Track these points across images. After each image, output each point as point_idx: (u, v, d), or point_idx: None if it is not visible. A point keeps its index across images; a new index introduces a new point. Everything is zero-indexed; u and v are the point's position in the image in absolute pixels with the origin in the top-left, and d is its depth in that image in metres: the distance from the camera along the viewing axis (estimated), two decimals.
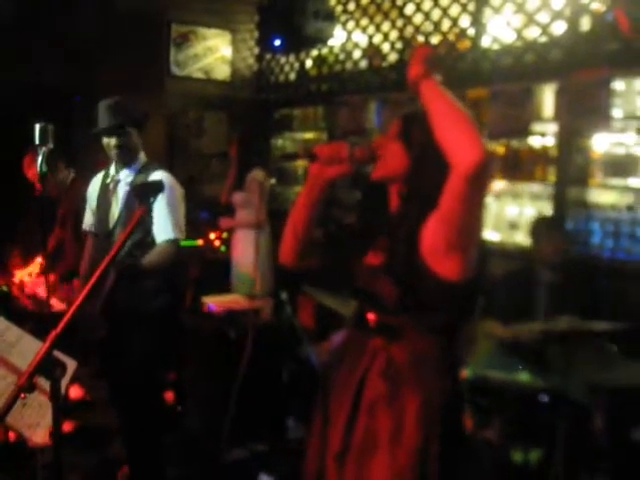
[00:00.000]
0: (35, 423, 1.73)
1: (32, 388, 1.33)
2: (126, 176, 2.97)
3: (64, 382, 1.89)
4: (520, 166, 4.13)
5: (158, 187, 1.54)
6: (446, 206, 1.54)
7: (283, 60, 5.70)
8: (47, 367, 1.36)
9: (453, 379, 1.72)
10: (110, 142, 2.92)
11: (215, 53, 5.80)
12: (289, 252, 1.82)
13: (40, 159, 2.97)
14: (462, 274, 1.57)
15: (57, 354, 1.62)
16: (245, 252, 4.38)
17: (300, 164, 5.54)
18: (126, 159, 2.96)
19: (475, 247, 1.59)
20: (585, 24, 3.70)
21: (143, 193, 1.55)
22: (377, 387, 1.66)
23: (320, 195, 1.74)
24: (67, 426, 3.76)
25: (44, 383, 1.41)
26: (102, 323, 2.96)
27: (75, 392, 4.02)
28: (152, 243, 2.88)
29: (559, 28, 3.79)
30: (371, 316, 1.69)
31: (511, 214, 4.26)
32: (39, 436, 1.72)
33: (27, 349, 1.96)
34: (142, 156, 3.02)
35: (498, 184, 4.29)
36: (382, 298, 1.66)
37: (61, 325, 1.40)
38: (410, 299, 1.62)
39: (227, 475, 3.39)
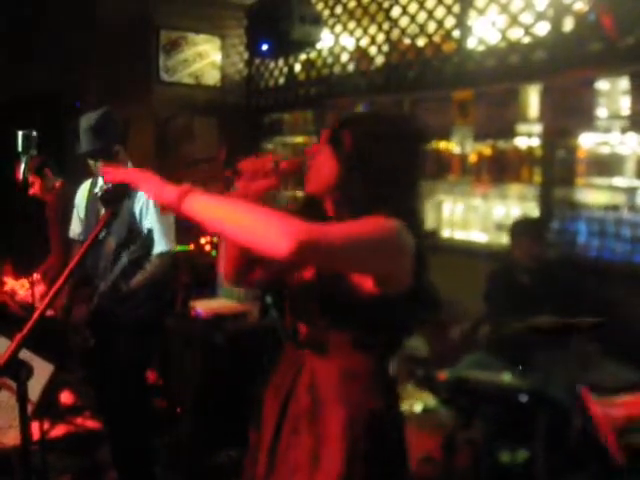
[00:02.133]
0: (7, 425, 1.74)
1: None
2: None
3: (38, 384, 1.90)
4: (506, 167, 4.15)
5: (124, 191, 1.55)
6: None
7: (272, 65, 5.72)
8: (12, 369, 1.37)
9: (388, 399, 1.63)
10: (96, 165, 2.92)
11: (205, 59, 5.81)
12: (230, 270, 1.75)
13: (23, 166, 2.99)
14: (379, 288, 1.48)
15: (30, 357, 1.64)
16: None
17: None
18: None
19: (388, 262, 1.47)
20: (568, 24, 3.72)
21: (109, 198, 1.56)
22: (301, 402, 1.59)
23: None
24: (58, 430, 3.77)
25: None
26: (89, 333, 2.97)
27: (66, 397, 4.03)
28: (147, 256, 2.89)
29: (543, 29, 3.80)
30: (302, 329, 1.63)
31: (498, 215, 4.27)
32: (10, 438, 1.73)
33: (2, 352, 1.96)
34: (129, 166, 3.02)
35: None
36: (312, 312, 1.60)
37: (26, 328, 1.41)
38: (338, 313, 1.55)
39: (215, 478, 3.40)
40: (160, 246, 2.88)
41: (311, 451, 1.54)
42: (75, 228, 3.19)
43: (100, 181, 3.05)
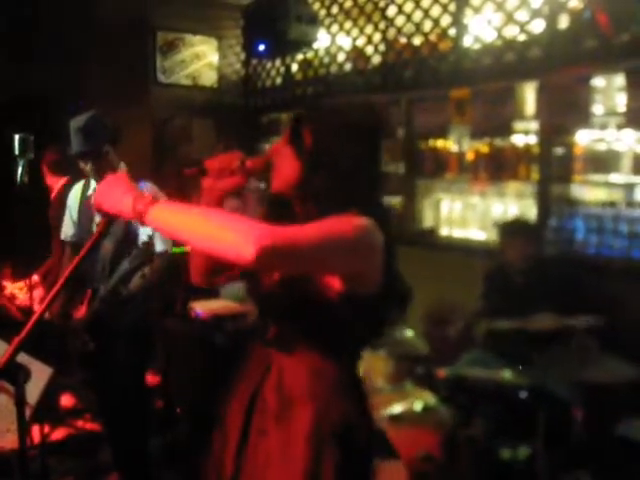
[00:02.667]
0: (5, 429, 1.74)
1: None
2: None
3: (36, 388, 1.91)
4: (504, 165, 4.15)
5: None
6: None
7: (269, 65, 5.73)
8: (10, 372, 1.37)
9: (359, 404, 1.61)
10: (86, 167, 2.92)
11: (202, 59, 5.82)
12: (197, 271, 1.73)
13: (20, 169, 3.00)
14: (343, 287, 1.46)
15: (28, 361, 1.64)
16: None
17: None
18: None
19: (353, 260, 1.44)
20: (563, 22, 3.72)
21: None
22: (268, 402, 1.57)
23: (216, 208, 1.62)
24: (58, 434, 3.78)
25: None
26: (88, 337, 2.97)
27: (67, 400, 4.04)
28: (145, 257, 2.89)
29: (538, 26, 3.81)
30: (272, 328, 1.59)
31: (496, 213, 4.28)
32: (8, 442, 1.73)
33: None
34: (122, 167, 3.02)
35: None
36: (280, 312, 1.58)
37: (24, 331, 1.41)
38: (306, 314, 1.52)
39: None
40: (157, 247, 2.88)
41: (279, 451, 1.52)
42: (67, 230, 3.18)
43: (93, 183, 3.05)
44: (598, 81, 3.71)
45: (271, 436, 1.54)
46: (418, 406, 2.90)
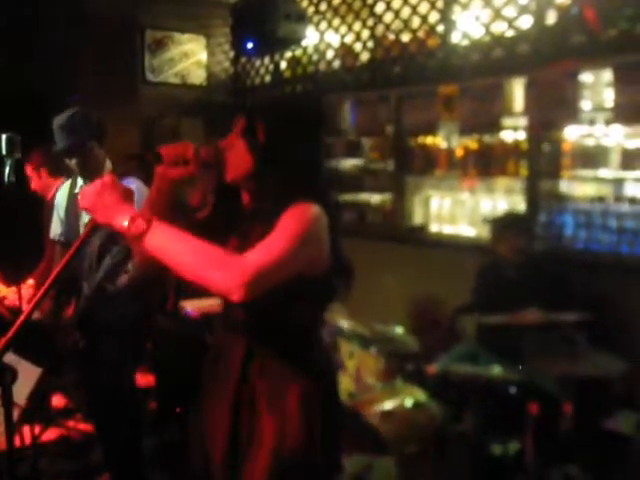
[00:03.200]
0: None
1: None
2: None
3: (26, 388, 1.90)
4: (493, 161, 4.17)
5: None
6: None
7: (258, 63, 5.71)
8: None
9: (323, 371, 1.74)
10: (71, 163, 2.91)
11: (190, 58, 5.80)
12: (144, 260, 1.76)
13: (7, 169, 2.97)
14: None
15: (17, 361, 1.63)
16: None
17: None
18: (90, 175, 2.92)
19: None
20: (551, 17, 3.73)
21: None
22: (255, 387, 1.66)
23: (167, 197, 1.68)
24: (49, 434, 3.76)
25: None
26: (78, 335, 2.96)
27: (58, 401, 4.02)
28: (125, 252, 2.88)
29: (526, 22, 3.82)
30: (239, 315, 1.67)
31: (485, 208, 4.29)
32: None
33: None
34: (108, 164, 3.00)
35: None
36: (247, 311, 1.64)
37: (12, 331, 1.41)
38: (269, 299, 1.56)
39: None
40: None
41: (275, 428, 1.62)
42: (55, 229, 3.17)
43: (80, 181, 3.03)
44: (586, 77, 3.72)
45: (263, 414, 1.64)
46: (409, 403, 2.91)
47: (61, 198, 3.14)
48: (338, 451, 1.76)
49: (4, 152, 2.96)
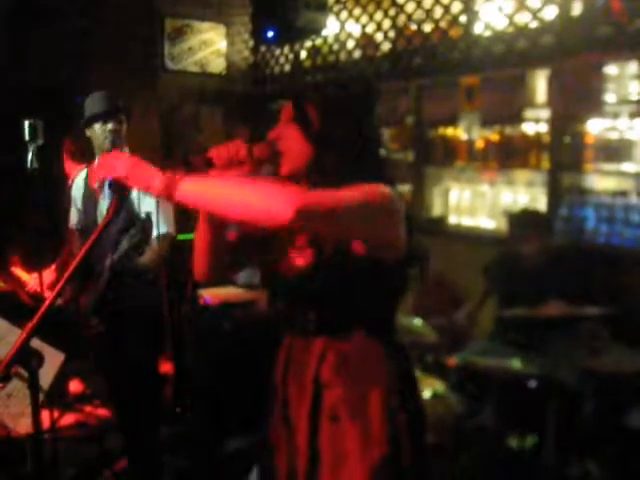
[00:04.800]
0: (20, 413, 1.75)
1: (8, 378, 1.34)
2: None
3: (49, 373, 1.91)
4: (514, 153, 4.13)
5: None
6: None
7: (278, 52, 5.69)
8: (24, 358, 1.37)
9: (402, 360, 1.65)
10: (106, 127, 2.90)
11: (210, 46, 5.79)
12: (203, 268, 1.69)
13: (30, 155, 2.98)
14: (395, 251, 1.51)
15: (40, 346, 1.64)
16: None
17: None
18: (117, 148, 2.95)
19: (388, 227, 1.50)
20: (577, 8, 3.67)
21: (118, 187, 1.55)
22: (334, 388, 1.57)
23: None
24: (67, 419, 3.79)
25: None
26: (98, 320, 2.97)
27: (75, 386, 4.05)
28: (145, 240, 2.89)
29: (550, 13, 3.76)
30: (312, 315, 1.58)
31: (505, 201, 4.26)
32: (23, 426, 1.74)
33: (13, 342, 1.97)
34: (127, 152, 3.02)
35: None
36: (316, 296, 1.56)
37: (36, 317, 1.41)
38: (344, 293, 1.53)
39: (225, 467, 3.42)
40: (159, 229, 2.87)
41: (361, 436, 1.53)
42: (73, 218, 3.19)
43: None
44: (611, 69, 3.68)
45: (347, 422, 1.55)
46: (427, 394, 2.90)
47: (78, 187, 3.15)
48: (426, 453, 1.65)
49: (27, 138, 2.98)
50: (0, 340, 2.00)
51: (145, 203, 2.86)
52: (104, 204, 2.97)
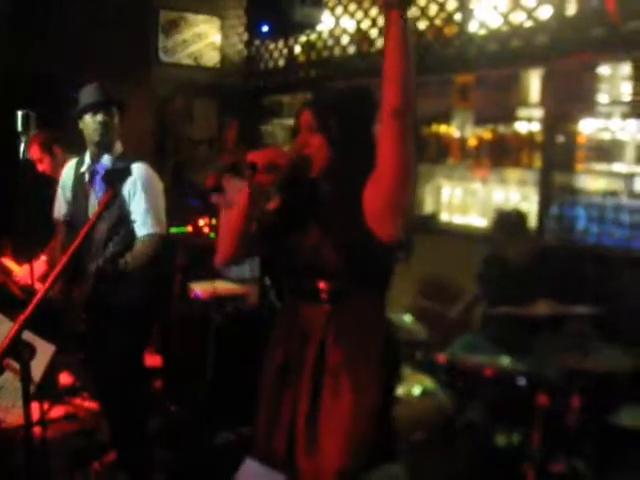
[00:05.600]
0: (10, 405, 1.75)
1: (1, 370, 1.34)
2: (103, 168, 2.94)
3: (40, 365, 1.91)
4: (506, 152, 4.14)
5: (126, 172, 1.55)
6: (382, 157, 1.58)
7: (272, 46, 5.67)
8: (15, 349, 1.37)
9: (389, 333, 1.87)
10: (95, 119, 2.89)
11: (204, 39, 5.77)
12: (227, 254, 1.87)
13: (23, 146, 2.98)
14: (398, 234, 1.66)
15: (32, 338, 1.64)
16: None
17: None
18: (107, 140, 2.93)
19: (410, 206, 1.70)
20: (571, 8, 3.69)
21: (112, 178, 1.55)
22: (335, 353, 1.76)
23: (257, 200, 1.78)
24: (56, 412, 3.79)
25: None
26: (84, 315, 2.97)
27: (65, 378, 4.04)
28: (131, 236, 2.88)
29: (545, 13, 3.78)
30: (322, 285, 1.77)
31: (497, 199, 4.28)
32: (13, 417, 1.74)
33: (5, 334, 1.96)
34: (119, 145, 3.01)
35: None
36: (327, 267, 1.75)
37: (29, 309, 1.41)
38: (355, 264, 1.73)
39: (214, 458, 3.43)
40: (145, 229, 2.86)
41: (356, 387, 1.74)
42: (60, 208, 3.17)
43: (87, 158, 3.02)
44: (604, 69, 3.70)
45: (343, 380, 1.76)
46: (417, 390, 2.91)
47: (67, 178, 3.13)
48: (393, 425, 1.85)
49: (20, 129, 2.98)
50: None
51: (135, 200, 2.85)
52: (95, 198, 2.96)
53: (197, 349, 3.74)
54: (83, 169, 3.02)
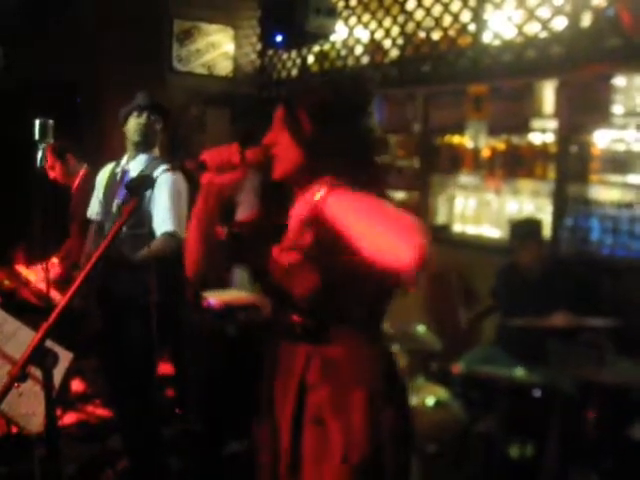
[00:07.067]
0: (31, 412, 1.76)
1: (25, 377, 1.35)
2: (135, 167, 2.98)
3: (59, 373, 1.91)
4: (520, 162, 4.14)
5: (150, 181, 1.55)
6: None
7: (285, 56, 5.70)
8: (39, 357, 1.37)
9: (388, 362, 1.65)
10: (138, 120, 2.95)
11: (217, 49, 5.81)
12: (194, 266, 1.69)
13: (40, 153, 3.00)
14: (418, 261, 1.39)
15: (51, 345, 1.65)
16: None
17: None
18: (146, 142, 2.97)
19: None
20: (586, 19, 3.69)
21: (135, 186, 1.55)
22: (319, 392, 1.56)
23: (215, 203, 1.59)
24: (69, 418, 3.80)
25: (39, 373, 1.43)
26: (95, 317, 2.98)
27: (77, 385, 4.06)
28: (150, 236, 2.88)
29: (560, 24, 3.78)
30: (296, 318, 1.57)
31: (511, 210, 4.27)
32: (34, 425, 1.75)
33: (24, 341, 1.98)
34: (156, 151, 3.04)
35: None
36: (298, 299, 1.55)
37: (53, 316, 1.41)
38: (331, 297, 1.51)
39: (225, 469, 3.42)
40: (165, 226, 2.86)
41: (343, 438, 1.53)
42: (93, 207, 3.20)
43: (123, 161, 3.06)
44: (619, 80, 3.69)
45: (328, 424, 1.54)
46: (431, 401, 2.90)
47: (102, 178, 3.16)
48: (408, 455, 1.65)
49: (37, 137, 3.00)
50: (10, 338, 2.00)
51: (158, 201, 2.86)
52: (119, 199, 2.98)
53: (209, 358, 3.74)
54: (117, 170, 3.06)
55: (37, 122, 2.97)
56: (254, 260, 1.67)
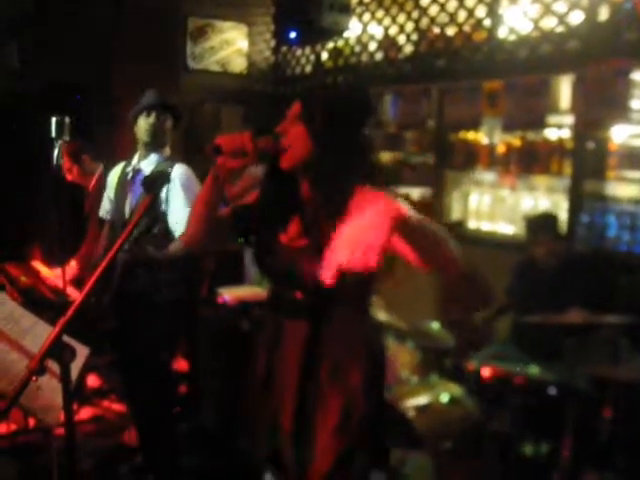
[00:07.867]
0: (49, 406, 1.78)
1: (42, 371, 1.37)
2: (147, 166, 2.99)
3: (76, 367, 1.93)
4: (536, 158, 4.11)
5: (165, 177, 1.56)
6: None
7: (299, 52, 5.70)
8: (56, 351, 1.39)
9: (375, 338, 1.82)
10: (147, 120, 2.95)
11: (231, 46, 5.82)
12: (194, 235, 1.84)
13: (56, 152, 3.03)
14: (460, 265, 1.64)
15: (68, 340, 1.66)
16: None
17: None
18: (156, 142, 2.97)
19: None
20: (603, 13, 3.66)
21: (150, 183, 1.57)
22: (320, 366, 1.71)
23: (223, 184, 1.73)
24: (84, 413, 3.83)
25: (56, 367, 1.44)
26: (111, 313, 3.00)
27: (92, 381, 4.09)
28: (165, 234, 2.90)
29: (576, 18, 3.75)
30: (299, 296, 1.70)
31: (526, 206, 4.24)
32: (52, 418, 1.77)
33: (41, 335, 2.00)
34: (167, 150, 3.04)
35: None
36: (305, 278, 1.66)
37: (70, 311, 1.43)
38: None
39: (237, 465, 3.43)
40: (179, 229, 2.87)
41: (341, 405, 1.69)
42: (105, 206, 3.22)
43: (135, 160, 3.06)
44: (637, 75, 3.64)
45: (332, 407, 1.69)
46: (444, 398, 2.89)
47: (113, 177, 3.18)
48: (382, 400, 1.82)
49: (53, 135, 3.02)
50: (27, 333, 2.02)
51: (175, 201, 2.87)
52: (133, 197, 2.99)
53: (224, 354, 3.75)
54: (129, 169, 3.06)
55: (53, 120, 2.98)
56: (255, 237, 1.81)
